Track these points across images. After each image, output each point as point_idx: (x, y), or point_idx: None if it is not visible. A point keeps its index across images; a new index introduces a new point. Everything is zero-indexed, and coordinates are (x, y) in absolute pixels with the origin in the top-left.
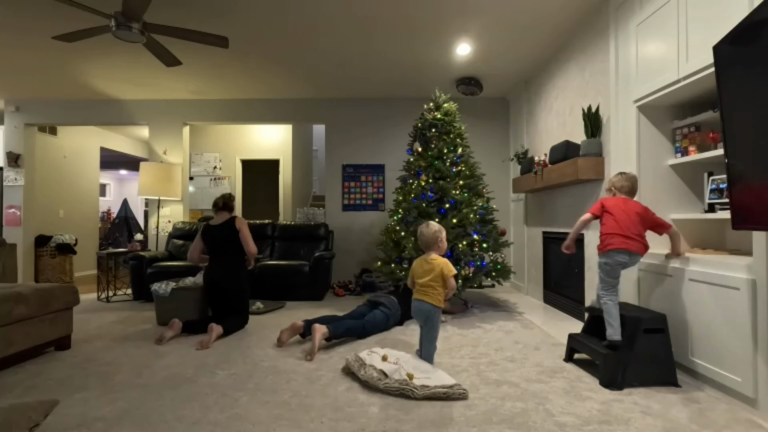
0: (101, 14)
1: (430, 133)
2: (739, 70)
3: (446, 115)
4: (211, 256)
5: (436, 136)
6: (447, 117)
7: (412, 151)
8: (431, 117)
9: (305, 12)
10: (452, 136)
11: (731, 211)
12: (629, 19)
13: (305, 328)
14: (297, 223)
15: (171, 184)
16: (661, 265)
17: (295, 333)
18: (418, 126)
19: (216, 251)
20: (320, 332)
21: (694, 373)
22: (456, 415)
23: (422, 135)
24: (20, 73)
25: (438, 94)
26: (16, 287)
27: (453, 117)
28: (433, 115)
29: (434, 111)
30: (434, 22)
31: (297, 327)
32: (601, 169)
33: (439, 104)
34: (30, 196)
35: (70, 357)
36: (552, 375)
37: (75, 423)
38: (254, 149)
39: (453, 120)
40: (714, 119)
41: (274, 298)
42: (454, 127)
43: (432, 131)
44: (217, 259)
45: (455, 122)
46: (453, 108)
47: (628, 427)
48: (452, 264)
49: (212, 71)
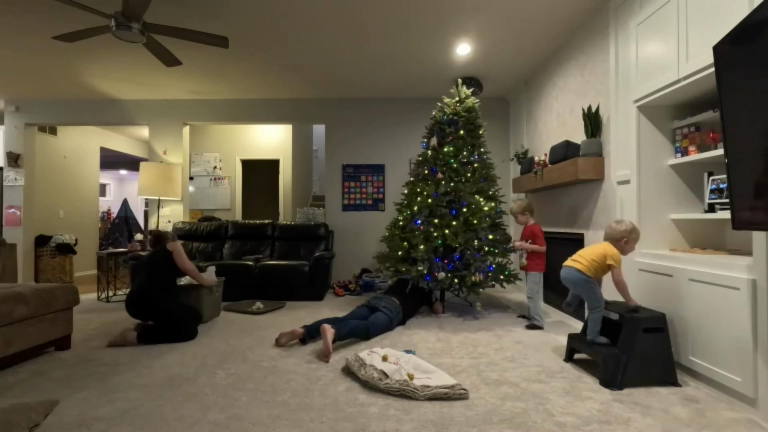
0: (101, 14)
1: (449, 129)
2: (739, 70)
3: (468, 112)
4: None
5: (454, 133)
6: (470, 114)
7: (428, 145)
8: (451, 111)
9: (305, 12)
10: (473, 133)
11: (731, 211)
12: (629, 19)
13: (306, 335)
14: (297, 223)
15: (171, 184)
16: (662, 265)
17: (295, 338)
18: (437, 119)
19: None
20: (330, 332)
21: (694, 373)
22: (456, 415)
23: (440, 130)
24: (20, 73)
25: (461, 87)
26: (16, 287)
27: (476, 114)
28: (454, 108)
29: (456, 104)
30: (434, 22)
31: (297, 333)
32: (601, 169)
33: (462, 98)
34: (30, 196)
35: (70, 357)
36: (552, 375)
37: (75, 423)
38: (254, 149)
39: (476, 117)
40: (714, 119)
41: (274, 298)
42: (474, 124)
43: (450, 128)
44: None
45: (477, 119)
46: (475, 104)
47: (628, 427)
48: (462, 267)
49: (212, 71)
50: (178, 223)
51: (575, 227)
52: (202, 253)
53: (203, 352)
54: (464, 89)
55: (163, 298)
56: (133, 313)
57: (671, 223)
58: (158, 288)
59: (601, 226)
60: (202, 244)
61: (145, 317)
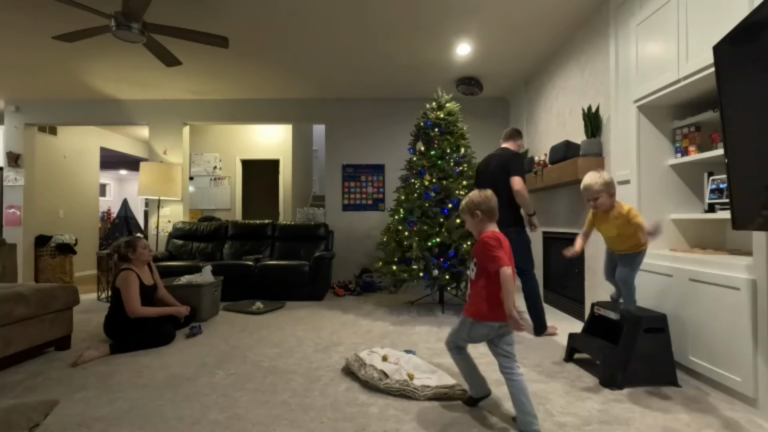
0: (101, 14)
1: (433, 132)
2: (740, 70)
3: (449, 115)
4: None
5: (438, 136)
6: (450, 117)
7: (414, 150)
8: (434, 116)
9: (305, 12)
10: (455, 136)
11: (731, 211)
12: (629, 19)
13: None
14: (297, 223)
15: (171, 184)
16: (662, 265)
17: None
18: (421, 125)
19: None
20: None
21: (694, 373)
22: (456, 415)
23: (425, 134)
24: (20, 72)
25: (440, 94)
26: (16, 287)
27: (456, 117)
28: (435, 114)
29: (437, 110)
30: (434, 22)
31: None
32: (602, 169)
33: (442, 104)
34: (30, 196)
35: (70, 357)
36: (552, 375)
37: (75, 423)
38: (254, 149)
39: (456, 120)
40: (714, 119)
41: (274, 298)
42: (457, 127)
43: (435, 131)
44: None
45: (458, 122)
46: (456, 108)
47: (628, 427)
48: (458, 264)
49: (212, 71)
50: (178, 223)
51: (575, 227)
52: (202, 253)
53: (203, 352)
54: (444, 95)
55: (132, 324)
56: (109, 336)
57: (671, 223)
58: (123, 319)
59: None
60: (202, 244)
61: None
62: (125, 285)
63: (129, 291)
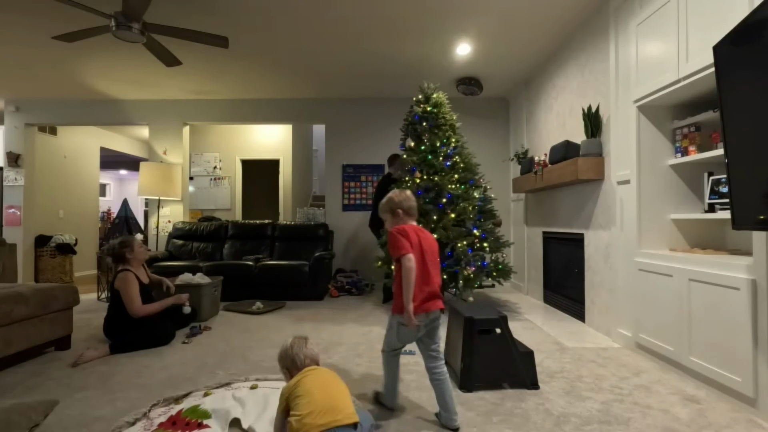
0: (101, 14)
1: (422, 127)
2: (740, 70)
3: (436, 107)
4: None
5: (427, 129)
6: (437, 109)
7: (405, 148)
8: (420, 110)
9: (305, 12)
10: (444, 128)
11: (731, 211)
12: (629, 19)
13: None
14: (297, 223)
15: (171, 184)
16: (661, 265)
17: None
18: (408, 120)
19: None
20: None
21: (694, 373)
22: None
23: (413, 130)
24: (21, 72)
25: (426, 86)
26: (16, 287)
27: (443, 108)
28: (422, 107)
29: (423, 103)
30: (434, 22)
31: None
32: (601, 169)
33: (428, 96)
34: (30, 196)
35: (70, 357)
36: (552, 375)
37: (75, 423)
38: (254, 149)
39: (444, 111)
40: (714, 119)
41: (274, 298)
42: (445, 118)
43: (423, 125)
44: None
45: (446, 113)
46: (443, 99)
47: (628, 427)
48: (453, 264)
49: (212, 71)
50: (178, 223)
51: (575, 227)
52: (202, 253)
53: (203, 352)
54: (431, 85)
55: (133, 324)
56: (109, 338)
57: (671, 223)
58: (123, 320)
59: (601, 226)
60: (202, 244)
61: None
62: (125, 286)
63: (130, 292)
